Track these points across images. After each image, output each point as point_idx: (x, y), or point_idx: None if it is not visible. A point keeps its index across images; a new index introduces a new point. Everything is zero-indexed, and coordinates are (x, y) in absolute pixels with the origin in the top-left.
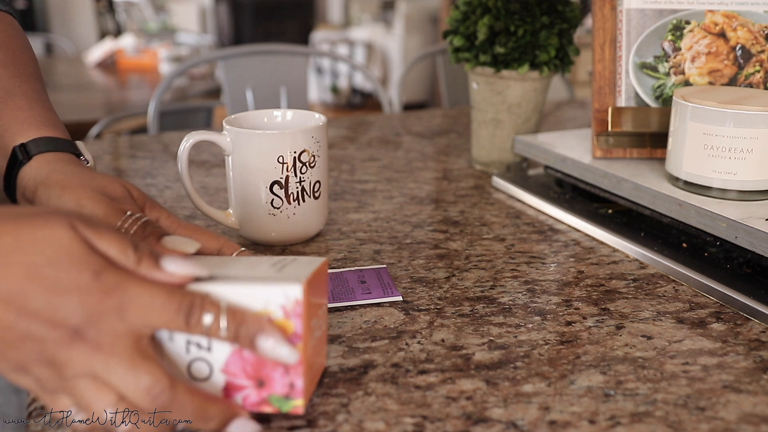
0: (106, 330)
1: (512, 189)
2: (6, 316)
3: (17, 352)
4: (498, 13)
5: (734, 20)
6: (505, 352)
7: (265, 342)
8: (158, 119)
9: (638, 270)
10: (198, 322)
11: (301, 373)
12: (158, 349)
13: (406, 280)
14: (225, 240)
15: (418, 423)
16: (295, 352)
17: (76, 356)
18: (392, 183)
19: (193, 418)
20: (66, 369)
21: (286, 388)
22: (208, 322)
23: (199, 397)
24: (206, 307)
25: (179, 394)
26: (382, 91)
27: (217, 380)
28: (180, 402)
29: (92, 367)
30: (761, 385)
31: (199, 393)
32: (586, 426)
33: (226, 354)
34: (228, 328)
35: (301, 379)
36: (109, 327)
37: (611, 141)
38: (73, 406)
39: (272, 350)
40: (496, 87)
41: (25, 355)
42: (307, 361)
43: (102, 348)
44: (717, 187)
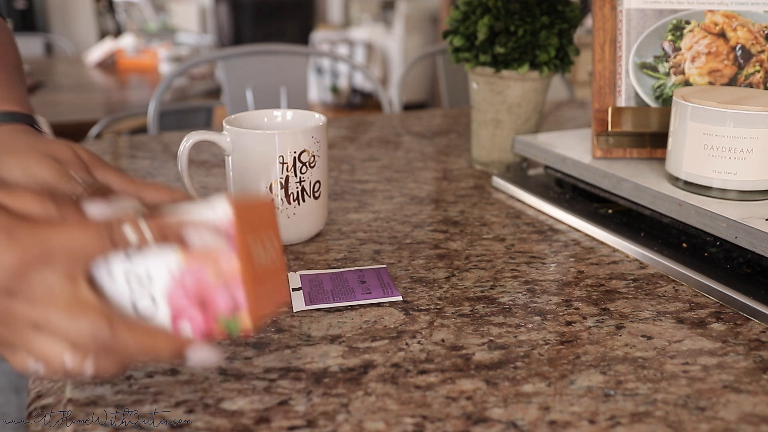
0: (37, 283)
1: (512, 189)
2: None
3: None
4: (498, 13)
5: (734, 20)
6: (505, 352)
7: (194, 234)
8: (158, 119)
9: (638, 270)
10: (122, 237)
11: (240, 283)
12: (100, 294)
13: (406, 280)
14: (174, 190)
15: (418, 423)
16: (221, 241)
17: (18, 312)
18: (392, 183)
19: (139, 353)
20: (12, 326)
21: (230, 303)
22: (131, 234)
23: (141, 332)
24: (123, 221)
25: (120, 333)
26: (382, 91)
27: (163, 313)
28: (122, 340)
29: (34, 320)
30: (761, 385)
31: (141, 328)
32: (586, 426)
33: (166, 283)
34: (152, 233)
35: (242, 289)
36: (40, 279)
37: (611, 141)
38: (32, 358)
39: (203, 239)
40: (496, 87)
41: None
42: (250, 278)
43: (37, 301)
44: (717, 187)
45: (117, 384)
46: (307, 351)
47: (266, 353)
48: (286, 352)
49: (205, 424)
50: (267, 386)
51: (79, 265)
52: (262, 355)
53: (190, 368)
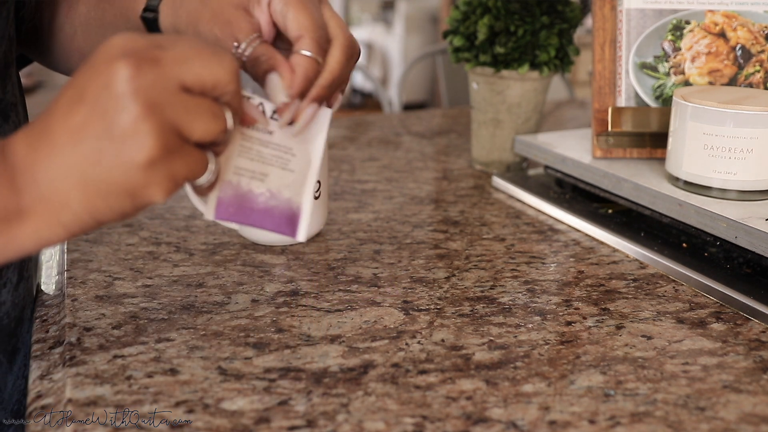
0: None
1: (512, 189)
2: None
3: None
4: (498, 13)
5: (734, 20)
6: (505, 352)
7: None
8: None
9: (638, 270)
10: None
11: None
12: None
13: (406, 280)
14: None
15: (418, 423)
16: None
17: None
18: (392, 183)
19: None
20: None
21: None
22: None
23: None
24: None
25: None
26: (382, 91)
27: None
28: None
29: (183, 76)
30: (761, 385)
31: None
32: (586, 426)
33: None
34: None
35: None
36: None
37: (611, 141)
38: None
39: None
40: (496, 87)
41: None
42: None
43: (178, 57)
44: (717, 187)
45: (117, 384)
46: (307, 351)
47: (266, 353)
48: (286, 352)
49: (205, 424)
50: (267, 386)
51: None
52: (262, 355)
53: (190, 369)
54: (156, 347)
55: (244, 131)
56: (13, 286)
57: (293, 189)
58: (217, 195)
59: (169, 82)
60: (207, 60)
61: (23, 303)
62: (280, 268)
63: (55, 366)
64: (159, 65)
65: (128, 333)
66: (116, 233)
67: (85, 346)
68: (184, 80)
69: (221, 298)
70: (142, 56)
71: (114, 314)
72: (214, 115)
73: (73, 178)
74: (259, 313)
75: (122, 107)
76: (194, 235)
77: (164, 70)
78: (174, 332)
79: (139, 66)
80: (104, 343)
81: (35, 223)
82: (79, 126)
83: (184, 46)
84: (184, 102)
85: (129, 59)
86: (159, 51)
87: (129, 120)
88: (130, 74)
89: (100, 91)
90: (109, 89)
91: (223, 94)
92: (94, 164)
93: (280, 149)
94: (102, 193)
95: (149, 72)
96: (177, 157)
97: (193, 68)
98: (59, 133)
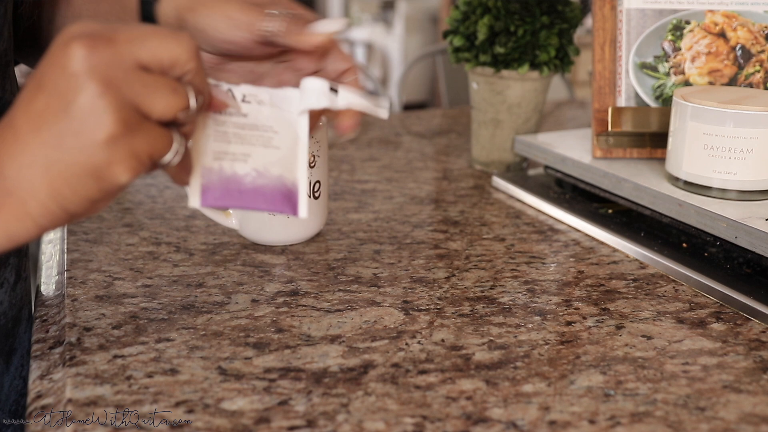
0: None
1: (512, 189)
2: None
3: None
4: (498, 13)
5: (734, 20)
6: (505, 352)
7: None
8: None
9: (638, 270)
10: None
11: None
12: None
13: (406, 280)
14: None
15: (418, 423)
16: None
17: (124, 54)
18: (392, 183)
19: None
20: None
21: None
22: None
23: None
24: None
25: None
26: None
27: None
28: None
29: (138, 54)
30: (761, 385)
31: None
32: (586, 426)
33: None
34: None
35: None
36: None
37: (611, 141)
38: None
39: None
40: (496, 87)
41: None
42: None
43: (133, 37)
44: (717, 187)
45: (117, 384)
46: (307, 351)
47: (266, 353)
48: (286, 352)
49: (205, 424)
50: (267, 386)
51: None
52: (262, 355)
53: (190, 369)
54: (156, 347)
55: (216, 117)
56: (11, 286)
57: (283, 165)
58: (199, 182)
59: (124, 59)
60: (163, 38)
61: (21, 303)
62: (280, 268)
63: (55, 366)
64: (114, 44)
65: (128, 333)
66: (116, 233)
67: (85, 346)
68: (140, 57)
69: (221, 298)
70: (97, 36)
71: (114, 314)
72: (174, 90)
73: (38, 166)
74: (259, 313)
75: (78, 87)
76: (194, 235)
77: (119, 48)
78: (174, 332)
79: (94, 45)
80: (104, 343)
81: (3, 218)
82: (39, 112)
83: (141, 27)
84: (141, 79)
85: (83, 40)
86: (114, 33)
87: (86, 99)
88: (85, 53)
89: (57, 74)
90: (64, 71)
91: (183, 73)
92: (56, 148)
93: (258, 129)
94: (65, 177)
95: (104, 50)
96: (138, 134)
97: (149, 46)
98: (21, 122)
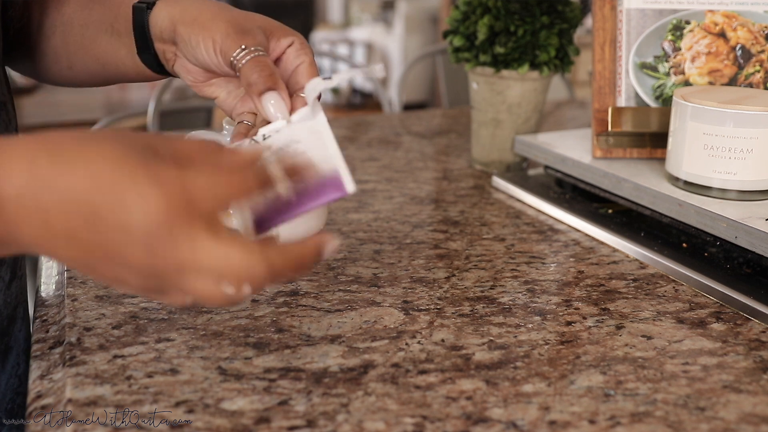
0: (183, 235)
1: (512, 189)
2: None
3: (108, 270)
4: (498, 13)
5: (734, 20)
6: (505, 352)
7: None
8: (158, 119)
9: (638, 270)
10: (265, 179)
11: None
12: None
13: (406, 280)
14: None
15: (418, 423)
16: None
17: (165, 262)
18: (392, 183)
19: (292, 272)
20: (160, 275)
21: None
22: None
23: (290, 252)
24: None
25: (273, 260)
26: (382, 91)
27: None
28: (275, 266)
29: (180, 265)
30: (761, 385)
31: (288, 248)
32: (586, 426)
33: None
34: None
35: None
36: (184, 233)
37: (611, 141)
38: (188, 297)
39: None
40: (496, 87)
41: (118, 273)
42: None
43: (181, 248)
44: (717, 187)
45: (117, 384)
46: (307, 351)
47: (266, 353)
48: (286, 352)
49: (205, 424)
50: (267, 386)
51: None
52: (262, 355)
53: (190, 369)
54: (156, 347)
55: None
56: (6, 284)
57: (315, 161)
58: (251, 219)
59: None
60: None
61: (16, 302)
62: None
63: (55, 366)
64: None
65: (128, 333)
66: None
67: (85, 346)
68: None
69: None
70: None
71: (114, 314)
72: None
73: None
74: (259, 313)
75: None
76: None
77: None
78: (174, 332)
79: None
80: (104, 343)
81: None
82: (80, 229)
83: (221, 249)
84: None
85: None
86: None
87: (135, 259)
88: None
89: (122, 231)
90: (132, 234)
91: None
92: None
93: (284, 149)
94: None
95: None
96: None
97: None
98: (55, 210)
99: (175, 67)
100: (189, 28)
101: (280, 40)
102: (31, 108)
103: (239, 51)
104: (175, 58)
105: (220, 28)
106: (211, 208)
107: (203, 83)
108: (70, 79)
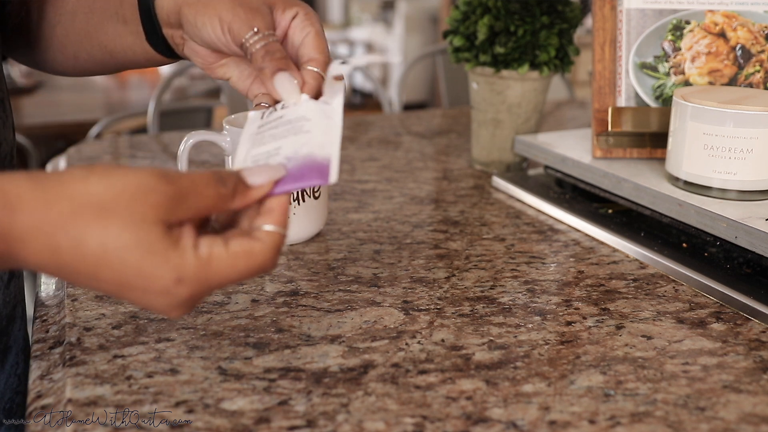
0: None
1: (512, 189)
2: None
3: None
4: (498, 13)
5: (734, 20)
6: (505, 352)
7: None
8: (158, 119)
9: (638, 270)
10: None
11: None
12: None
13: (406, 280)
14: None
15: (418, 423)
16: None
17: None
18: (392, 183)
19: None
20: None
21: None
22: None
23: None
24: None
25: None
26: (382, 91)
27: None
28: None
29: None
30: (761, 385)
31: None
32: (586, 426)
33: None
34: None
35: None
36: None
37: (611, 141)
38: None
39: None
40: (496, 87)
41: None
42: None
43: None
44: (717, 187)
45: (117, 384)
46: (307, 351)
47: (266, 353)
48: (286, 352)
49: (205, 424)
50: (267, 386)
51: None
52: (262, 355)
53: (190, 369)
54: (156, 347)
55: (255, 130)
56: (4, 284)
57: (312, 145)
58: None
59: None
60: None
61: (14, 301)
62: (280, 268)
63: (55, 366)
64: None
65: (128, 333)
66: None
67: (85, 346)
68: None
69: (221, 298)
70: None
71: (114, 314)
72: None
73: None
74: (259, 313)
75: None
76: None
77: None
78: (174, 332)
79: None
80: (104, 343)
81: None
82: (93, 267)
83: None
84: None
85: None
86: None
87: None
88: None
89: (142, 294)
90: (149, 288)
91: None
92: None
93: (291, 122)
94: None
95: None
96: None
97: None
98: (69, 256)
99: (185, 51)
100: (194, 9)
101: (285, 12)
102: (31, 108)
103: (251, 34)
104: (183, 42)
105: (225, 5)
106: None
107: (214, 64)
108: (76, 68)
